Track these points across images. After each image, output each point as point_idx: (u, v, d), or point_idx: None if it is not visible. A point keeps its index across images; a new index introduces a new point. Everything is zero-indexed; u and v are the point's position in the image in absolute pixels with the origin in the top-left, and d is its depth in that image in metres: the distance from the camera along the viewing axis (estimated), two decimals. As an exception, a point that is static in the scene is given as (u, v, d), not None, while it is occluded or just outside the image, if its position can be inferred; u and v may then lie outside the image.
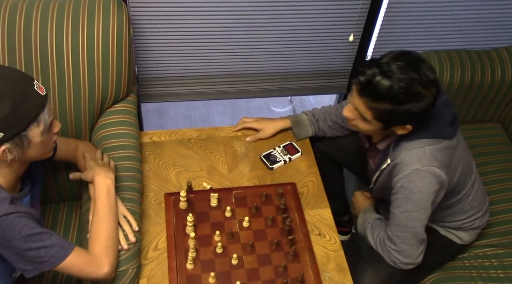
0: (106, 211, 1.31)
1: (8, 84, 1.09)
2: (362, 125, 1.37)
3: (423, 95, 1.25)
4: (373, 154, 1.54)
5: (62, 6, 1.53)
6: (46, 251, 1.15)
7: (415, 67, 1.25)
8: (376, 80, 1.24)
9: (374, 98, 1.27)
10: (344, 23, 1.96)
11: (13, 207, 1.13)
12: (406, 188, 1.34)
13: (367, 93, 1.27)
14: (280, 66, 2.07)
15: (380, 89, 1.24)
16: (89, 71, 1.54)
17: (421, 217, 1.38)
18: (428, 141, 1.35)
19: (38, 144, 1.17)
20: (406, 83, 1.23)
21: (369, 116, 1.31)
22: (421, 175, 1.32)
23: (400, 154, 1.36)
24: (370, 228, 1.53)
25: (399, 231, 1.40)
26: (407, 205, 1.36)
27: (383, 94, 1.24)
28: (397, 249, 1.41)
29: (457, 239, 1.62)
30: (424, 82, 1.24)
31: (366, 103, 1.29)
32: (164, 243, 1.49)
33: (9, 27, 1.48)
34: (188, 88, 2.07)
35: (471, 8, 1.99)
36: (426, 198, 1.35)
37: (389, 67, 1.24)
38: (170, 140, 1.79)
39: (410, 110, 1.26)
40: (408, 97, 1.24)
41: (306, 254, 1.48)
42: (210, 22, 1.85)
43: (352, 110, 1.36)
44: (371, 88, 1.25)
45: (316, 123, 1.75)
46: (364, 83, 1.27)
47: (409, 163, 1.33)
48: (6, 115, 1.08)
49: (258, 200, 1.61)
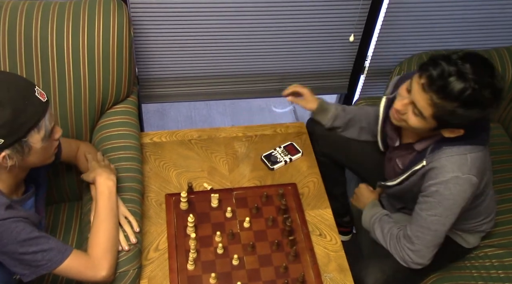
0: (106, 212, 1.31)
1: (9, 91, 1.09)
2: (412, 120, 1.30)
3: (491, 102, 1.21)
4: (403, 153, 1.51)
5: (63, 7, 1.53)
6: (43, 255, 1.15)
7: (490, 73, 1.21)
8: (450, 79, 1.19)
9: (443, 96, 1.20)
10: (344, 23, 1.96)
11: (9, 212, 1.13)
12: (441, 193, 1.32)
13: (437, 89, 1.21)
14: (280, 66, 2.07)
15: (453, 89, 1.18)
16: (90, 72, 1.54)
17: (447, 223, 1.37)
18: (471, 148, 1.32)
19: (38, 151, 1.17)
20: (479, 86, 1.18)
21: (428, 113, 1.25)
22: (459, 183, 1.30)
23: (440, 158, 1.32)
24: (379, 223, 1.52)
25: (420, 232, 1.39)
26: (437, 209, 1.34)
27: (454, 94, 1.19)
28: (413, 249, 1.40)
29: (463, 241, 1.62)
30: (496, 90, 1.21)
31: (430, 99, 1.22)
32: (165, 243, 1.49)
33: (9, 28, 1.48)
34: (189, 89, 2.07)
35: (471, 8, 1.99)
36: (457, 204, 1.34)
37: (464, 67, 1.19)
38: (170, 140, 1.79)
39: (473, 116, 1.23)
40: (477, 102, 1.20)
41: (307, 255, 1.48)
42: (211, 22, 1.85)
43: (406, 104, 1.30)
44: (443, 85, 1.19)
45: (334, 119, 1.72)
46: (436, 79, 1.20)
47: (450, 170, 1.30)
48: (7, 122, 1.08)
49: (258, 201, 1.61)
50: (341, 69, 2.14)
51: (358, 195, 1.69)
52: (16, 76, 1.17)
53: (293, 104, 2.91)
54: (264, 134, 1.85)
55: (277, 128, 1.88)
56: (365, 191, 1.68)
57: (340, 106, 1.75)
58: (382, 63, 2.14)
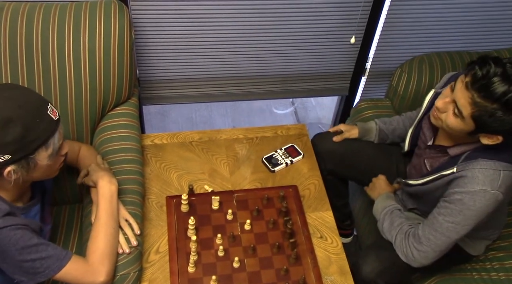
0: (107, 217, 1.31)
1: (21, 108, 1.10)
2: (451, 120, 1.29)
3: None
4: (434, 155, 1.50)
5: (64, 9, 1.53)
6: (41, 263, 1.15)
7: None
8: (494, 79, 1.18)
9: (485, 95, 1.20)
10: (345, 25, 1.96)
11: (7, 220, 1.13)
12: (464, 203, 1.31)
13: (479, 88, 1.20)
14: (281, 68, 2.07)
15: (495, 89, 1.18)
16: (91, 74, 1.54)
17: (462, 232, 1.36)
18: (506, 166, 1.31)
19: (44, 167, 1.18)
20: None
21: (467, 112, 1.24)
22: (485, 197, 1.30)
23: (474, 169, 1.30)
24: (390, 215, 1.52)
25: (432, 235, 1.38)
26: (456, 217, 1.34)
27: (497, 96, 1.18)
28: (420, 249, 1.40)
29: (470, 249, 1.62)
30: None
31: (471, 98, 1.22)
32: (165, 246, 1.49)
33: (10, 30, 1.48)
34: (190, 91, 2.07)
35: (473, 10, 1.99)
36: (477, 216, 1.33)
37: (511, 70, 1.19)
38: (171, 142, 1.79)
39: (511, 121, 1.21)
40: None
41: (307, 257, 1.48)
42: (212, 24, 1.85)
43: (448, 102, 1.30)
44: (486, 84, 1.19)
45: (379, 134, 1.76)
46: (480, 77, 1.20)
47: (481, 182, 1.29)
48: (16, 139, 1.08)
49: (259, 203, 1.60)
50: (342, 71, 2.14)
51: (376, 184, 1.68)
52: (30, 92, 1.17)
53: (294, 106, 2.91)
54: (265, 136, 1.85)
55: (278, 130, 1.88)
56: (383, 182, 1.67)
57: (379, 120, 1.78)
58: (383, 65, 2.14)
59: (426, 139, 1.54)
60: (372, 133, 1.76)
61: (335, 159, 1.77)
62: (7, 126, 1.07)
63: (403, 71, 1.95)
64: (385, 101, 2.04)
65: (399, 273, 1.52)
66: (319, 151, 1.80)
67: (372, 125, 1.77)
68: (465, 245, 1.61)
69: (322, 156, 1.79)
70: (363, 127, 1.77)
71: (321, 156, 1.79)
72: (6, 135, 1.07)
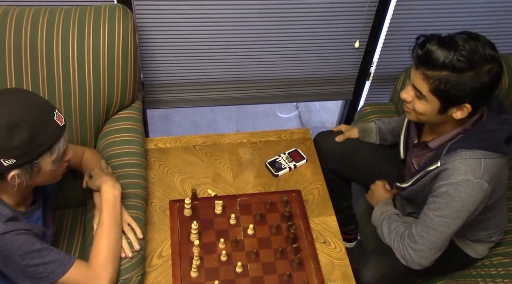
0: (110, 221, 1.31)
1: (29, 113, 1.10)
2: (418, 105, 1.33)
3: (482, 66, 1.22)
4: (419, 153, 1.51)
5: (68, 14, 1.53)
6: (44, 268, 1.15)
7: (476, 40, 1.23)
8: (433, 48, 1.23)
9: (431, 66, 1.24)
10: (350, 29, 1.96)
11: (10, 225, 1.13)
12: (450, 194, 1.32)
13: (424, 62, 1.25)
14: (285, 72, 2.07)
15: (437, 56, 1.22)
16: (95, 78, 1.54)
17: (453, 226, 1.36)
18: (486, 154, 1.31)
19: (47, 172, 1.18)
20: (466, 51, 1.21)
21: (425, 90, 1.27)
22: (469, 187, 1.30)
23: (455, 160, 1.32)
24: (387, 220, 1.52)
25: (425, 232, 1.38)
26: (444, 211, 1.34)
27: (441, 62, 1.22)
28: (415, 248, 1.40)
29: (472, 251, 1.61)
30: (484, 54, 1.21)
31: (423, 74, 1.26)
32: (168, 250, 1.49)
33: (15, 34, 1.49)
34: (194, 94, 2.07)
35: (479, 14, 1.98)
36: (465, 208, 1.33)
37: (451, 38, 1.24)
38: (175, 146, 1.79)
39: (467, 82, 1.22)
40: (466, 66, 1.21)
41: (311, 262, 1.48)
42: (216, 28, 1.86)
43: (409, 90, 1.33)
44: (429, 56, 1.23)
45: (380, 134, 1.76)
46: (422, 54, 1.25)
47: (462, 172, 1.30)
48: (22, 144, 1.09)
49: (262, 208, 1.60)
50: (346, 75, 2.14)
51: (374, 191, 1.68)
52: (38, 97, 1.17)
53: (298, 110, 2.90)
54: (268, 140, 1.85)
55: (282, 134, 1.88)
56: (381, 188, 1.67)
57: (378, 120, 1.78)
58: (388, 69, 2.13)
59: (412, 140, 1.55)
60: (372, 133, 1.76)
61: (337, 158, 1.77)
62: (13, 131, 1.08)
63: (407, 76, 1.93)
64: (389, 105, 2.03)
65: (400, 278, 1.51)
66: (321, 149, 1.81)
67: (372, 125, 1.78)
68: (467, 248, 1.60)
69: (324, 155, 1.79)
70: (362, 127, 1.78)
71: (323, 155, 1.80)
72: (12, 140, 1.08)
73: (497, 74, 1.24)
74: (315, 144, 1.84)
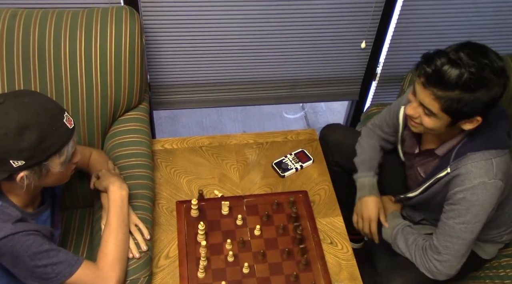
0: (117, 222, 1.32)
1: (39, 115, 1.11)
2: (427, 121, 1.30)
3: (494, 81, 1.20)
4: (424, 161, 1.49)
5: (76, 16, 1.54)
6: (52, 268, 1.16)
7: (484, 54, 1.21)
8: (444, 68, 1.20)
9: (443, 87, 1.21)
10: (356, 30, 1.95)
11: (19, 226, 1.14)
12: (468, 200, 1.30)
13: (435, 83, 1.22)
14: (292, 73, 2.07)
15: (449, 77, 1.19)
16: (102, 79, 1.55)
17: (475, 230, 1.34)
18: (495, 153, 1.30)
19: (56, 174, 1.19)
20: (476, 69, 1.18)
21: (436, 108, 1.24)
22: (486, 188, 1.29)
23: (466, 165, 1.31)
24: (402, 233, 1.49)
25: (449, 242, 1.36)
26: (465, 217, 1.32)
27: (453, 82, 1.19)
28: (440, 259, 1.38)
29: (482, 252, 1.59)
30: (494, 68, 1.20)
31: (433, 94, 1.23)
32: (175, 251, 1.49)
33: (24, 36, 1.50)
34: (200, 96, 2.07)
35: (486, 14, 1.97)
36: (485, 210, 1.32)
37: (457, 55, 1.20)
38: (181, 147, 1.79)
39: (480, 99, 1.20)
40: (478, 84, 1.19)
41: (318, 263, 1.47)
42: (222, 30, 1.86)
43: (416, 107, 1.30)
44: (439, 77, 1.21)
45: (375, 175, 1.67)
46: (432, 74, 1.22)
47: (477, 176, 1.29)
48: (31, 145, 1.10)
49: (269, 208, 1.60)
50: (352, 76, 2.14)
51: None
52: (48, 100, 1.18)
53: (304, 110, 2.90)
54: (275, 141, 1.85)
55: (288, 135, 1.88)
56: (387, 202, 1.65)
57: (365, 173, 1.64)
58: (394, 70, 2.13)
59: (412, 149, 1.53)
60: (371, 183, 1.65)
61: (343, 152, 1.75)
62: (23, 133, 1.09)
63: (414, 76, 1.93)
64: (396, 106, 2.03)
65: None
66: (327, 142, 1.79)
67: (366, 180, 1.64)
68: (477, 249, 1.58)
69: (330, 147, 1.79)
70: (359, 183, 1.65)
71: (329, 148, 1.79)
72: (22, 141, 1.09)
73: (506, 84, 1.24)
74: (321, 137, 1.83)
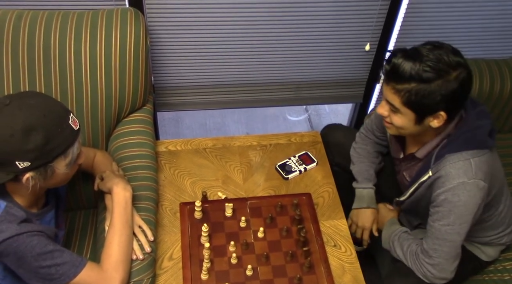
0: (121, 224, 1.32)
1: (45, 117, 1.12)
2: (395, 119, 1.34)
3: (449, 73, 1.23)
4: (409, 166, 1.50)
5: (81, 17, 1.55)
6: (57, 269, 1.16)
7: (440, 48, 1.25)
8: (399, 62, 1.25)
9: (399, 80, 1.26)
10: (360, 32, 1.95)
11: (23, 226, 1.14)
12: (449, 201, 1.31)
13: (393, 77, 1.27)
14: (296, 75, 2.07)
15: (403, 70, 1.24)
16: (107, 81, 1.56)
17: (462, 231, 1.35)
18: (473, 153, 1.31)
19: (61, 175, 1.20)
20: (430, 61, 1.22)
21: (397, 102, 1.29)
22: (466, 189, 1.30)
23: (445, 166, 1.32)
24: (398, 240, 1.50)
25: (437, 244, 1.37)
26: (449, 218, 1.33)
27: (408, 74, 1.23)
28: (432, 263, 1.38)
29: (483, 254, 1.59)
30: (449, 62, 1.23)
31: (393, 88, 1.28)
32: (179, 252, 1.49)
33: (29, 37, 1.50)
34: (204, 97, 2.07)
35: (490, 17, 1.97)
36: (469, 211, 1.32)
37: (414, 50, 1.26)
38: (185, 149, 1.80)
39: (437, 91, 1.23)
40: (432, 75, 1.23)
41: (321, 266, 1.47)
42: (226, 32, 1.86)
43: (384, 105, 1.35)
44: (395, 71, 1.26)
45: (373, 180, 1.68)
46: (389, 70, 1.27)
47: (455, 176, 1.30)
48: (37, 147, 1.10)
49: (273, 211, 1.60)
50: (356, 78, 2.13)
51: (378, 215, 1.66)
52: (54, 101, 1.19)
53: (308, 113, 2.90)
54: (278, 143, 1.85)
55: (292, 137, 1.88)
56: (383, 210, 1.66)
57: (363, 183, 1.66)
58: (398, 72, 2.12)
59: (397, 154, 1.55)
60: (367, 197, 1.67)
61: (343, 152, 1.76)
62: (29, 134, 1.09)
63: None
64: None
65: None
66: (328, 142, 1.81)
67: (364, 192, 1.65)
68: (477, 251, 1.58)
69: (330, 148, 1.80)
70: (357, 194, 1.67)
71: (330, 148, 1.81)
72: (27, 143, 1.09)
73: (465, 79, 1.25)
74: (322, 137, 1.85)
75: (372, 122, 1.69)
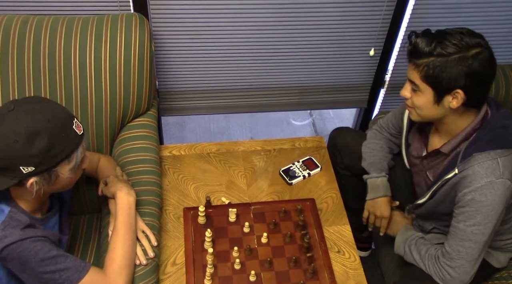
0: (125, 229, 1.32)
1: (49, 122, 1.12)
2: (415, 99, 1.36)
3: (468, 50, 1.26)
4: (433, 164, 1.49)
5: (86, 22, 1.56)
6: (60, 275, 1.17)
7: (462, 30, 1.31)
8: (419, 40, 1.30)
9: (419, 55, 1.30)
10: (364, 37, 1.95)
11: (27, 232, 1.15)
12: (477, 201, 1.31)
13: (413, 53, 1.31)
14: (300, 80, 2.07)
15: (421, 46, 1.29)
16: (111, 85, 1.56)
17: (487, 232, 1.34)
18: (501, 152, 1.31)
19: (65, 180, 1.20)
20: (451, 37, 1.27)
21: (417, 79, 1.31)
22: (494, 188, 1.29)
23: (473, 166, 1.31)
24: (415, 246, 1.48)
25: (460, 246, 1.35)
26: (475, 218, 1.32)
27: (427, 49, 1.28)
28: (453, 265, 1.36)
29: (494, 260, 1.57)
30: (469, 41, 1.27)
31: (414, 64, 1.32)
32: (182, 258, 1.49)
33: (34, 43, 1.51)
34: (208, 102, 2.08)
35: (495, 23, 1.96)
36: (495, 211, 1.32)
37: (436, 31, 1.32)
38: (189, 154, 1.80)
39: (455, 66, 1.26)
40: (451, 50, 1.26)
41: (325, 272, 1.47)
42: (230, 36, 1.86)
43: (407, 86, 1.37)
44: (416, 46, 1.30)
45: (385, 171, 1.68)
46: (410, 49, 1.32)
47: (483, 176, 1.30)
48: (41, 152, 1.10)
49: (276, 216, 1.59)
50: (361, 83, 2.13)
51: (392, 222, 1.65)
52: (58, 106, 1.19)
53: (312, 117, 2.90)
54: (282, 148, 1.85)
55: (296, 142, 1.87)
56: (398, 216, 1.65)
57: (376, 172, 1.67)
58: (403, 77, 2.10)
59: (419, 152, 1.54)
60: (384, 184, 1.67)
61: (352, 154, 1.75)
62: (33, 139, 1.09)
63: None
64: (404, 113, 2.02)
65: None
66: (337, 144, 1.80)
67: (378, 181, 1.65)
68: (489, 257, 1.57)
69: (339, 150, 1.79)
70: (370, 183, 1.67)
71: (338, 150, 1.80)
72: (32, 148, 1.09)
73: (485, 59, 1.28)
74: (331, 139, 1.84)
75: (388, 120, 1.71)
